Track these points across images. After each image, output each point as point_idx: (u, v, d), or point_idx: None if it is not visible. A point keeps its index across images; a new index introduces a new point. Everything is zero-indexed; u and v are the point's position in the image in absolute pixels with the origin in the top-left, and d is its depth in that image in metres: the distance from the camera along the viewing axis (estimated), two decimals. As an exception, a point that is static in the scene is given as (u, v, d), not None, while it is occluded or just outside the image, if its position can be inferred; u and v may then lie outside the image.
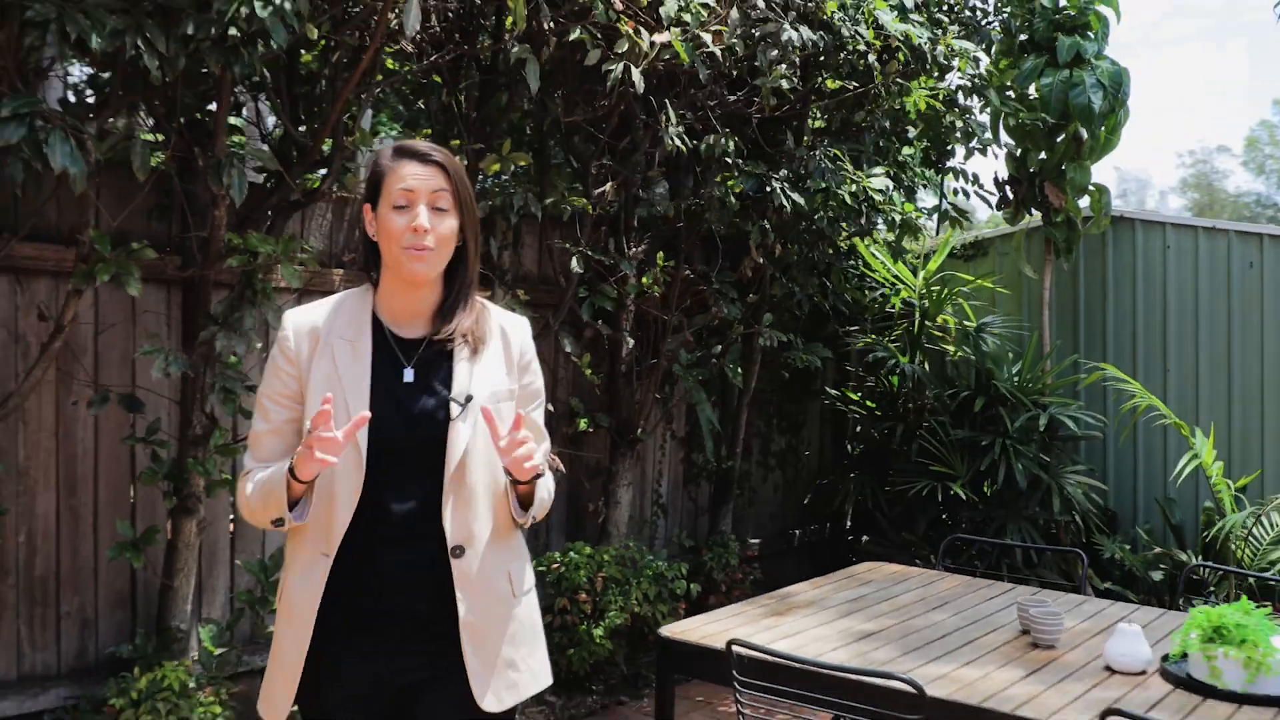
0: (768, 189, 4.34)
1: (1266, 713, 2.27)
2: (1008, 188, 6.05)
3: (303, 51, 3.69)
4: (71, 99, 3.16)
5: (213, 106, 3.29)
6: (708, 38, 3.51)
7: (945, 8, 5.30)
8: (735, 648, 2.46)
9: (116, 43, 2.51)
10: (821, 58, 4.61)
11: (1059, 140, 5.83)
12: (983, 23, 5.96)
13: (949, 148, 5.40)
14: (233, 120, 3.91)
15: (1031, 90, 5.90)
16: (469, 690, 1.91)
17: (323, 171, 3.76)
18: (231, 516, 4.00)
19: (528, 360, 2.07)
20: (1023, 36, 5.97)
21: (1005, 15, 5.91)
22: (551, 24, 3.34)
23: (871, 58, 4.48)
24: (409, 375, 1.93)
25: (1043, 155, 5.94)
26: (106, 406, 3.33)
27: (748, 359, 5.60)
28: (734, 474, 5.76)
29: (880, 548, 5.81)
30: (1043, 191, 5.85)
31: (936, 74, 4.90)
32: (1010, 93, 5.94)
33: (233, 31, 2.67)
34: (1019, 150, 6.01)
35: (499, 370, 2.00)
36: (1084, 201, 6.02)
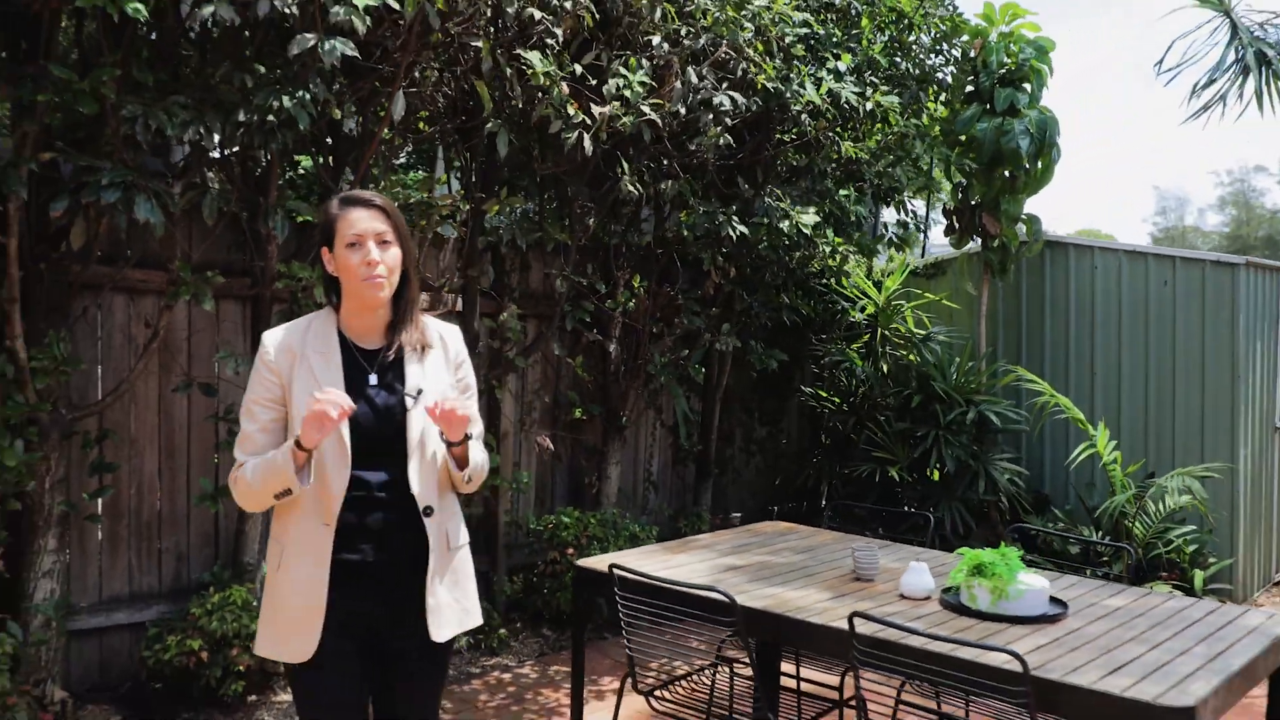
0: (716, 223, 4.87)
1: (998, 627, 2.75)
2: (953, 217, 6.45)
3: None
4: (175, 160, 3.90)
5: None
6: (647, 108, 4.07)
7: (881, 72, 5.74)
8: (615, 570, 3.04)
9: (186, 130, 3.22)
10: (771, 114, 5.13)
11: (995, 177, 6.22)
12: (934, 75, 6.39)
13: (890, 187, 5.84)
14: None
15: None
16: (426, 623, 2.20)
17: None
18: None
19: (461, 360, 2.35)
20: (970, 88, 6.37)
21: (949, 73, 6.34)
22: (520, 103, 3.95)
23: (805, 117, 4.98)
24: (373, 379, 2.20)
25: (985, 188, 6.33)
26: (190, 390, 4.06)
27: (718, 362, 6.14)
28: (709, 456, 6.29)
29: (836, 521, 6.27)
30: (982, 221, 6.24)
31: (871, 126, 5.35)
32: (962, 137, 6.34)
33: (270, 118, 3.35)
34: (963, 185, 6.41)
35: (441, 370, 2.28)
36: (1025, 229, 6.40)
